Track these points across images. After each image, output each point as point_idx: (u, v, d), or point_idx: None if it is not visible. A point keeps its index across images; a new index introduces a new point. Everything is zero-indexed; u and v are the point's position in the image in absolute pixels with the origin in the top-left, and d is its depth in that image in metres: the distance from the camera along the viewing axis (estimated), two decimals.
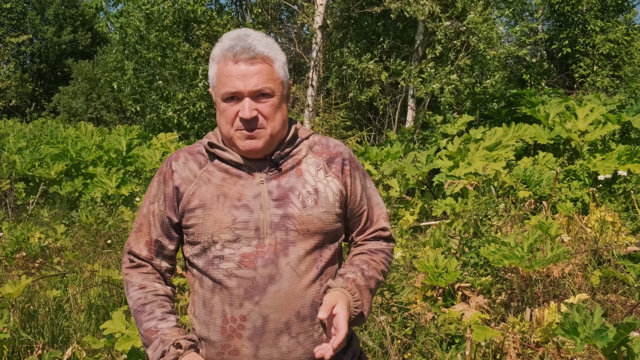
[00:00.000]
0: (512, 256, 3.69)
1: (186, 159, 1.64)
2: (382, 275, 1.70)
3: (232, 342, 1.55)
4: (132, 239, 1.68)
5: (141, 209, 1.69)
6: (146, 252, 1.65)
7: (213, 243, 1.55)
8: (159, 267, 1.67)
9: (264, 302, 1.52)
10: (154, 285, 1.64)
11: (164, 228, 1.64)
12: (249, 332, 1.53)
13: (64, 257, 5.76)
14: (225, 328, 1.55)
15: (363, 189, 1.72)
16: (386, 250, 1.75)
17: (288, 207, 1.56)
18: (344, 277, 1.60)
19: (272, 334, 1.53)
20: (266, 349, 1.54)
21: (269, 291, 1.53)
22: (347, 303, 1.53)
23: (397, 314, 3.70)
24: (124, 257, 1.69)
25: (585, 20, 16.85)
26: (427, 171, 7.49)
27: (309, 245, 1.57)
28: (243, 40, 1.54)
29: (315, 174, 1.63)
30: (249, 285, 1.53)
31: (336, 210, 1.62)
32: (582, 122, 7.59)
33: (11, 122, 18.50)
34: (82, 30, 29.21)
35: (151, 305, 1.60)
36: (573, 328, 2.44)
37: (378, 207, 1.76)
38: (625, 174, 6.04)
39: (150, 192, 1.67)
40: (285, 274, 1.54)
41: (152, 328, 1.57)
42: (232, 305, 1.54)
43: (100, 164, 9.60)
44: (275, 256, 1.54)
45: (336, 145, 1.70)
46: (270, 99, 1.55)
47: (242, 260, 1.54)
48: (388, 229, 1.77)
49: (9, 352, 3.47)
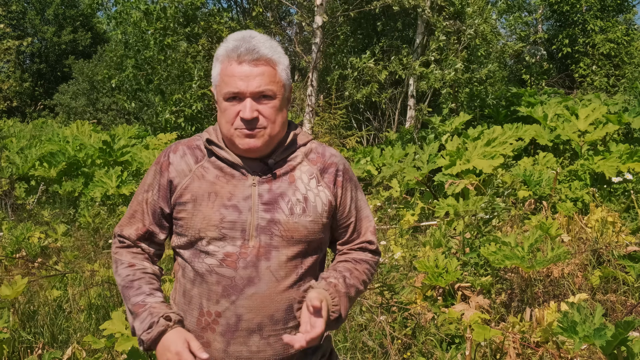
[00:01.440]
0: (513, 256, 3.69)
1: (184, 152, 1.67)
2: (363, 285, 1.73)
3: (205, 335, 1.59)
4: (124, 222, 1.72)
5: (136, 195, 1.72)
6: (136, 237, 1.70)
7: (200, 238, 1.59)
8: (147, 251, 1.72)
9: (240, 302, 1.56)
10: (142, 264, 1.69)
11: (155, 217, 1.68)
12: (222, 328, 1.58)
13: (64, 257, 5.75)
14: (200, 320, 1.60)
15: (353, 201, 1.74)
16: (370, 262, 1.78)
17: (276, 213, 1.59)
18: (327, 281, 1.64)
19: (243, 332, 1.57)
20: (236, 346, 1.58)
21: (246, 292, 1.56)
22: (327, 305, 1.57)
23: (397, 313, 3.70)
24: (114, 239, 1.74)
25: (584, 20, 16.84)
26: (426, 172, 7.49)
27: (292, 252, 1.60)
28: (248, 41, 1.56)
29: (307, 182, 1.65)
30: (227, 284, 1.57)
31: (323, 220, 1.65)
32: (583, 122, 7.59)
33: (11, 122, 18.49)
34: (82, 31, 29.20)
35: (139, 282, 1.64)
36: (571, 327, 2.44)
37: (367, 220, 1.78)
38: (629, 174, 6.03)
39: (146, 180, 1.71)
40: (264, 277, 1.57)
41: (139, 302, 1.60)
42: (209, 300, 1.58)
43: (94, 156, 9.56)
44: (256, 259, 1.57)
45: (332, 156, 1.72)
46: (271, 101, 1.58)
47: (225, 259, 1.57)
48: (375, 242, 1.80)
49: (9, 352, 3.47)
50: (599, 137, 7.43)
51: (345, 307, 1.64)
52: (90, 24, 28.29)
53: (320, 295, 1.57)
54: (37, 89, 27.97)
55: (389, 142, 9.97)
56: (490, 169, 6.69)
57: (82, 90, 24.20)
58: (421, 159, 7.83)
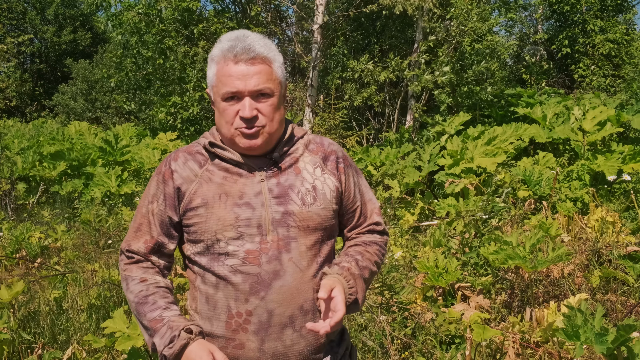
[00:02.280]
0: (515, 256, 3.69)
1: (186, 158, 1.66)
2: (375, 266, 1.75)
3: (238, 337, 1.58)
4: (130, 237, 1.69)
5: (139, 209, 1.70)
6: (145, 250, 1.67)
7: (217, 241, 1.58)
8: (157, 264, 1.69)
9: (270, 297, 1.56)
10: (154, 278, 1.66)
11: (163, 227, 1.66)
12: (254, 326, 1.57)
13: (64, 257, 5.75)
14: (230, 323, 1.58)
15: (356, 185, 1.77)
16: (380, 242, 1.80)
17: (288, 204, 1.61)
18: (339, 266, 1.65)
19: (277, 327, 1.57)
20: (271, 343, 1.57)
21: (274, 286, 1.56)
22: (343, 288, 1.57)
23: (397, 313, 3.70)
24: (121, 256, 1.71)
25: (584, 20, 16.83)
26: (427, 172, 7.49)
27: (310, 241, 1.62)
28: (242, 41, 1.57)
29: (312, 171, 1.67)
30: (254, 281, 1.56)
31: (333, 206, 1.68)
32: (589, 122, 7.56)
33: (11, 122, 18.49)
34: (82, 31, 29.20)
35: (154, 297, 1.61)
36: (575, 332, 2.43)
37: (371, 203, 1.81)
38: (627, 175, 6.03)
39: (148, 192, 1.68)
40: (288, 269, 1.58)
41: (157, 317, 1.57)
42: (238, 301, 1.57)
43: (94, 155, 9.56)
44: (278, 252, 1.58)
45: (330, 144, 1.75)
46: (269, 99, 1.59)
47: (247, 256, 1.57)
48: (381, 223, 1.82)
49: (9, 352, 3.47)
50: (601, 137, 7.43)
51: (362, 289, 1.65)
52: (91, 23, 28.28)
53: (333, 281, 1.57)
54: (37, 89, 27.96)
55: (388, 142, 9.96)
56: (494, 167, 6.69)
57: (80, 91, 24.20)
58: (422, 159, 7.83)
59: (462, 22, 10.07)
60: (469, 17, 9.99)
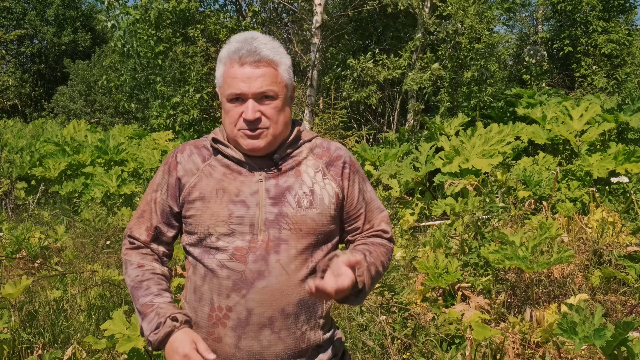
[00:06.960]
0: (513, 256, 3.69)
1: (191, 151, 1.70)
2: (382, 266, 1.73)
3: (217, 330, 1.61)
4: (133, 223, 1.75)
5: (145, 196, 1.76)
6: (145, 236, 1.72)
7: (209, 235, 1.61)
8: (157, 251, 1.74)
9: (250, 296, 1.58)
10: (151, 265, 1.71)
11: (164, 216, 1.71)
12: (232, 322, 1.59)
13: (64, 257, 5.75)
14: (211, 315, 1.61)
15: (361, 192, 1.76)
16: (387, 245, 1.79)
17: (283, 206, 1.61)
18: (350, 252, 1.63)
19: (254, 327, 1.59)
20: (247, 341, 1.59)
21: (257, 286, 1.58)
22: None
23: (397, 314, 3.70)
24: (124, 240, 1.77)
25: (587, 20, 16.81)
26: (424, 173, 7.49)
27: (301, 245, 1.61)
28: (249, 43, 1.59)
29: (313, 175, 1.67)
30: (237, 278, 1.58)
31: (331, 212, 1.67)
32: (578, 122, 7.58)
33: (11, 122, 18.51)
34: (82, 31, 29.21)
35: (148, 282, 1.66)
36: (571, 327, 2.44)
37: (379, 211, 1.80)
38: (624, 177, 6.01)
39: (154, 181, 1.74)
40: (274, 271, 1.58)
41: (147, 302, 1.62)
42: (220, 295, 1.60)
43: (93, 156, 9.57)
44: (266, 253, 1.59)
45: (337, 149, 1.75)
46: (273, 101, 1.60)
47: (235, 253, 1.59)
48: (389, 231, 1.81)
49: (9, 352, 3.48)
50: (594, 136, 7.42)
51: (368, 282, 1.63)
52: (91, 24, 28.30)
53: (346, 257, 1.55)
54: (36, 89, 27.98)
55: (387, 142, 9.97)
56: (489, 168, 6.68)
57: (79, 92, 24.21)
58: (419, 160, 7.84)
59: (459, 20, 10.08)
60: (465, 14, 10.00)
